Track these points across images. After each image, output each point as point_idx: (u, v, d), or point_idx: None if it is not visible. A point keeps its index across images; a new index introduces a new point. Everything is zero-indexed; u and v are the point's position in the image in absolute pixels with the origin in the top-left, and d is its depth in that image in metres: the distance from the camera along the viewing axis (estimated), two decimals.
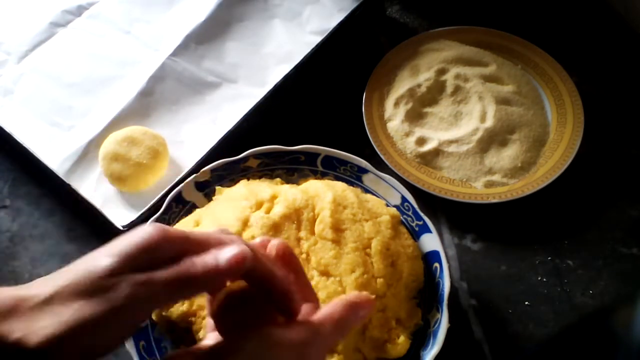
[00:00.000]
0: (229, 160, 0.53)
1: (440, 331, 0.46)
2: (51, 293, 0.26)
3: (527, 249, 0.56)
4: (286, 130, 0.62)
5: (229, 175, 0.54)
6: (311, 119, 0.64)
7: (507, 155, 0.59)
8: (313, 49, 0.63)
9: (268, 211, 0.48)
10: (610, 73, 0.66)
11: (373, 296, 0.42)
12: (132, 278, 0.26)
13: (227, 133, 0.58)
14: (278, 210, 0.48)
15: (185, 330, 0.47)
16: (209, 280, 0.28)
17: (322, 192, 0.50)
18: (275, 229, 0.47)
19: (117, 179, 0.56)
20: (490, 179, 0.58)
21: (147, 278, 0.26)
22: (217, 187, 0.53)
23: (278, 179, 0.54)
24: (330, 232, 0.47)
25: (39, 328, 0.25)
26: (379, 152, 0.59)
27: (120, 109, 0.61)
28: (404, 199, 0.52)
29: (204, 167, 0.53)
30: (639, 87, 0.65)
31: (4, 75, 0.64)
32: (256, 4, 0.68)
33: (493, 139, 0.60)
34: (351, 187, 0.52)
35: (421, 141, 0.60)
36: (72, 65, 0.64)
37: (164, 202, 0.51)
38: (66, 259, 0.57)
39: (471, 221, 0.58)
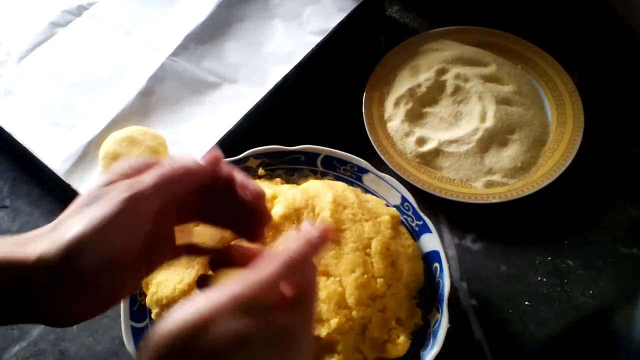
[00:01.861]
0: (229, 160, 0.53)
1: (440, 331, 0.46)
2: (61, 217, 0.31)
3: (527, 249, 0.56)
4: (286, 130, 0.62)
5: None
6: (311, 119, 0.64)
7: (507, 155, 0.59)
8: (313, 49, 0.63)
9: None
10: (610, 73, 0.66)
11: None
12: (123, 182, 0.31)
13: (227, 133, 0.58)
14: (278, 210, 0.48)
15: None
16: (190, 176, 0.32)
17: (322, 192, 0.50)
18: (275, 229, 0.47)
19: None
20: (490, 179, 0.58)
21: (135, 179, 0.31)
22: None
23: (278, 179, 0.54)
24: None
25: (57, 240, 0.29)
26: (379, 152, 0.59)
27: (120, 109, 0.61)
28: (404, 199, 0.52)
29: None
30: (639, 87, 0.65)
31: (4, 75, 0.63)
32: (256, 4, 0.68)
33: (493, 139, 0.60)
34: (351, 187, 0.52)
35: (421, 141, 0.60)
36: (72, 65, 0.64)
37: None
38: None
39: (471, 221, 0.58)
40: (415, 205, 0.51)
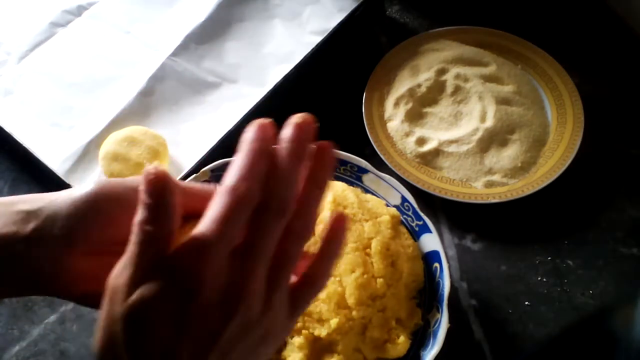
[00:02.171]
0: (229, 160, 0.53)
1: (440, 331, 0.46)
2: None
3: (527, 249, 0.56)
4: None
5: None
6: None
7: (507, 155, 0.59)
8: (313, 49, 0.63)
9: None
10: (610, 73, 0.66)
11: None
12: None
13: (227, 133, 0.58)
14: None
15: None
16: None
17: None
18: None
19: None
20: (490, 179, 0.58)
21: None
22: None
23: None
24: None
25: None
26: (379, 152, 0.59)
27: (120, 109, 0.61)
28: (404, 199, 0.52)
29: (204, 167, 0.53)
30: (639, 87, 0.65)
31: (4, 75, 0.63)
32: (256, 4, 0.68)
33: (493, 139, 0.60)
34: (351, 187, 0.52)
35: (421, 141, 0.60)
36: (72, 65, 0.64)
37: None
38: None
39: (471, 221, 0.58)
40: (415, 205, 0.51)
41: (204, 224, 0.25)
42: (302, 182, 0.29)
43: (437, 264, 0.49)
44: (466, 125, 0.61)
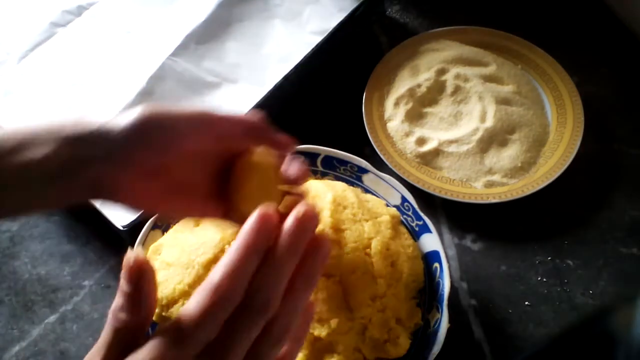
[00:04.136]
0: None
1: (440, 331, 0.46)
2: None
3: (527, 249, 0.56)
4: (286, 130, 0.61)
5: None
6: (311, 119, 0.64)
7: (507, 155, 0.59)
8: (313, 49, 0.63)
9: None
10: (610, 73, 0.66)
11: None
12: None
13: None
14: None
15: None
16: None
17: (322, 192, 0.50)
18: None
19: None
20: (490, 179, 0.58)
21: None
22: None
23: None
24: (330, 232, 0.47)
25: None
26: (379, 152, 0.59)
27: (120, 109, 0.61)
28: (404, 199, 0.52)
29: None
30: (639, 87, 0.65)
31: (4, 75, 0.63)
32: (256, 4, 0.68)
33: (493, 139, 0.60)
34: (351, 187, 0.52)
35: (421, 141, 0.60)
36: (72, 65, 0.64)
37: None
38: (66, 259, 0.57)
39: (471, 221, 0.58)
40: (415, 205, 0.51)
41: (178, 326, 0.26)
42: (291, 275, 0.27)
43: (437, 264, 0.49)
44: (466, 125, 0.61)
